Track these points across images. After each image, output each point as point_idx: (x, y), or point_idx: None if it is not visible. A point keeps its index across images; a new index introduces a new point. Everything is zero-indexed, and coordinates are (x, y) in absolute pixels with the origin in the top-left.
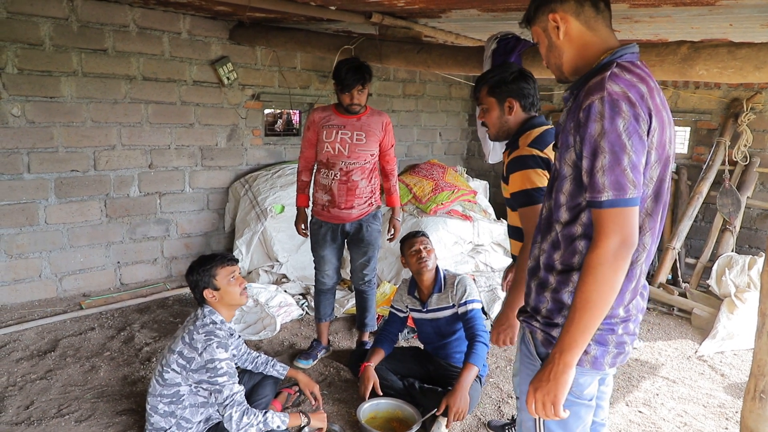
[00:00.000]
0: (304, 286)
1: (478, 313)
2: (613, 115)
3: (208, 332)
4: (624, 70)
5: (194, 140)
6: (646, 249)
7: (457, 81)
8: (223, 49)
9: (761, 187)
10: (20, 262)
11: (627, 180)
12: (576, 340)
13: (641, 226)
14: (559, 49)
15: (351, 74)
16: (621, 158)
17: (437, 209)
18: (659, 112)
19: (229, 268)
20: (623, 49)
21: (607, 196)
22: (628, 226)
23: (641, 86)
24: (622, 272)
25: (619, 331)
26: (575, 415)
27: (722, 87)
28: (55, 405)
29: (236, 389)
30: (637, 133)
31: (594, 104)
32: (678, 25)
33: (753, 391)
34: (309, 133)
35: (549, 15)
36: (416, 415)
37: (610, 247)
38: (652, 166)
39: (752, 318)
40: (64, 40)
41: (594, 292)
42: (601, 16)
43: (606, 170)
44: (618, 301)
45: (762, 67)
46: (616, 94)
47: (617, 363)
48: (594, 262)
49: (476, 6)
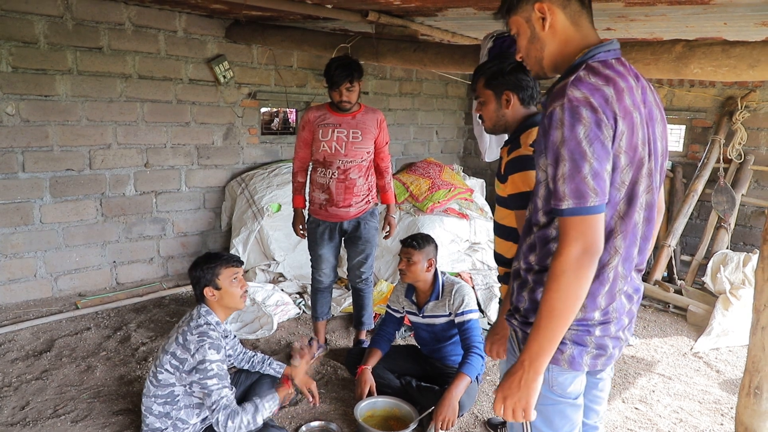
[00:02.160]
0: (301, 285)
1: (475, 324)
2: (573, 123)
3: (201, 333)
4: (591, 73)
5: (190, 139)
6: (619, 252)
7: (453, 79)
8: (219, 47)
9: (756, 184)
10: (15, 262)
11: (588, 188)
12: (543, 348)
13: (613, 229)
14: (542, 41)
15: (339, 71)
16: (581, 166)
17: (434, 207)
18: (628, 114)
19: (233, 269)
20: (597, 48)
21: (568, 204)
22: (590, 234)
23: (607, 89)
24: (586, 279)
25: (596, 332)
26: (561, 414)
27: (717, 85)
28: (50, 405)
29: (224, 393)
30: (599, 140)
31: (555, 111)
32: (673, 24)
33: (748, 387)
34: (304, 132)
35: (535, 5)
36: (413, 413)
37: (572, 254)
38: (623, 169)
39: (747, 315)
40: (59, 38)
41: (558, 300)
42: (585, 12)
43: (566, 178)
44: (591, 305)
45: (756, 65)
46: (576, 101)
47: (599, 365)
48: (557, 269)
49: (472, 4)
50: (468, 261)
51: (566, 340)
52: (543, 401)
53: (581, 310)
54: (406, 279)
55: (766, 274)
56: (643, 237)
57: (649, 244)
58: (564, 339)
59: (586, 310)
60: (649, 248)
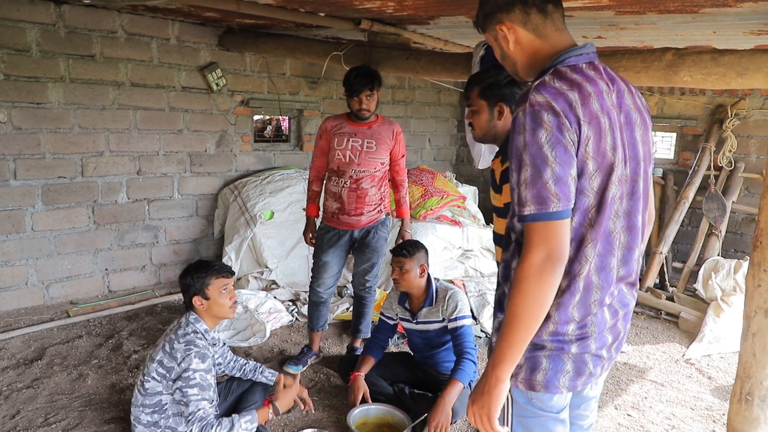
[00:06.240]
0: (294, 293)
1: (468, 330)
2: (534, 127)
3: (188, 341)
4: (556, 77)
5: (183, 146)
6: (589, 260)
7: (446, 87)
8: (212, 55)
9: (746, 191)
10: (6, 270)
11: (549, 193)
12: (505, 355)
13: (582, 237)
14: (511, 58)
15: (359, 79)
16: (542, 171)
17: (427, 215)
18: (595, 119)
19: (223, 280)
20: (568, 53)
21: (530, 210)
22: (553, 240)
23: (571, 94)
24: (549, 286)
25: (573, 349)
26: (542, 426)
27: (707, 93)
28: (41, 414)
29: (201, 405)
30: (561, 144)
31: (518, 116)
32: (663, 32)
33: (739, 393)
34: (321, 141)
35: (497, 26)
36: (406, 420)
37: (534, 261)
38: (590, 176)
39: (738, 321)
40: (52, 46)
41: (520, 306)
42: (549, 20)
43: (528, 184)
44: (562, 316)
45: (744, 73)
46: (538, 105)
47: (579, 385)
48: (520, 276)
49: (464, 13)
50: (461, 268)
51: (541, 359)
52: (523, 413)
53: (552, 322)
54: (400, 287)
55: (757, 280)
56: (626, 247)
57: (633, 253)
58: (539, 359)
59: (558, 323)
60: (635, 258)
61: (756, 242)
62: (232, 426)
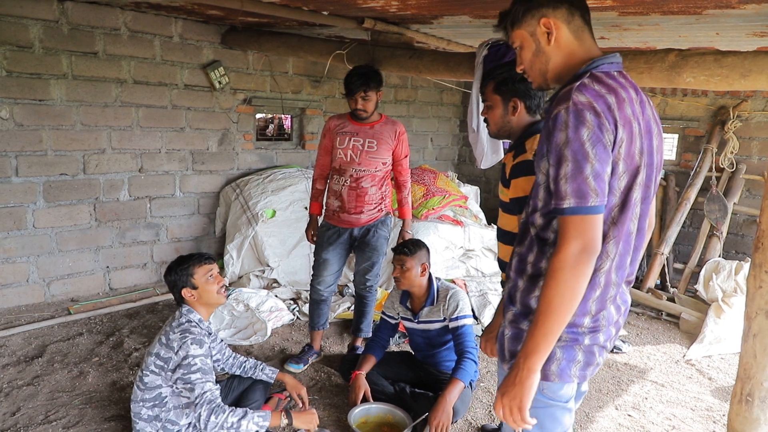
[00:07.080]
0: (295, 291)
1: (469, 329)
2: (577, 125)
3: (183, 330)
4: (594, 81)
5: (185, 144)
6: (610, 257)
7: (448, 87)
8: (215, 53)
9: (747, 193)
10: (7, 267)
11: (589, 188)
12: (539, 344)
13: (605, 234)
14: (546, 55)
15: (354, 80)
16: (583, 167)
17: (428, 214)
18: (628, 123)
19: (206, 266)
20: (601, 60)
21: (569, 203)
22: (589, 232)
23: (609, 97)
24: (584, 277)
25: (585, 341)
26: (552, 417)
27: (709, 95)
28: (42, 411)
29: (207, 387)
30: (601, 143)
31: (560, 114)
32: (666, 33)
33: (740, 394)
34: (324, 140)
35: (541, 20)
36: (407, 419)
37: (571, 251)
38: (619, 176)
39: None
40: (54, 43)
41: (556, 296)
42: (586, 27)
43: (569, 178)
44: (582, 308)
45: (747, 75)
46: (581, 104)
47: (588, 375)
48: (556, 266)
49: (468, 12)
50: (462, 268)
51: (555, 350)
52: (534, 404)
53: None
54: (401, 286)
55: (758, 282)
56: (635, 247)
57: (639, 254)
58: (553, 350)
59: (576, 315)
60: (638, 259)
61: (757, 243)
62: (245, 415)
